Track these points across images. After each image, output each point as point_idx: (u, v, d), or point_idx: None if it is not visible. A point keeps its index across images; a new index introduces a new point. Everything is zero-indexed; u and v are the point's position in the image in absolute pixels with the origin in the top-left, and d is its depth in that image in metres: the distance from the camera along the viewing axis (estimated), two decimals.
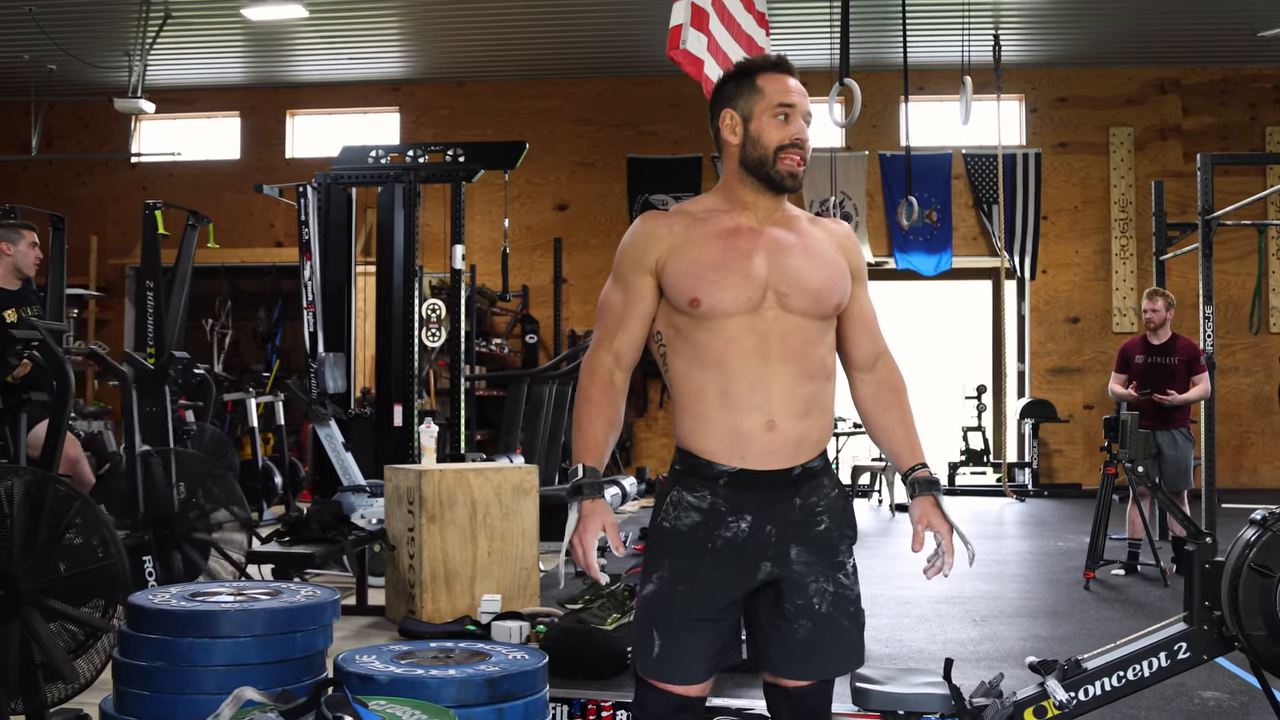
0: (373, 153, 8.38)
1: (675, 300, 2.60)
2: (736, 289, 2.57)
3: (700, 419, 2.59)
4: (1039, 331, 14.23)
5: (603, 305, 2.70)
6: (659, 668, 2.59)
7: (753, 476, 2.58)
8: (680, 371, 2.61)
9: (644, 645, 2.61)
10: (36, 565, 4.12)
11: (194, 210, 7.34)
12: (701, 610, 2.57)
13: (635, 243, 2.67)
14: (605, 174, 14.61)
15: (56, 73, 12.99)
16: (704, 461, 2.59)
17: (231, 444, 10.62)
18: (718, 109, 2.72)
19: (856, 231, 14.21)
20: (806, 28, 12.45)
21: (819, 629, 2.62)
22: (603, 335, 2.67)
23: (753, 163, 2.65)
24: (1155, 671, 3.59)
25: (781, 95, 2.65)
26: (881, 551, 9.35)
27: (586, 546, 2.54)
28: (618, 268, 2.69)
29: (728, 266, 2.59)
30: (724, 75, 2.77)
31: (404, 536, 6.24)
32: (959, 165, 14.22)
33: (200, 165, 15.08)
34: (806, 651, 2.63)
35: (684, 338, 2.61)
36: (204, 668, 2.75)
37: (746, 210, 2.68)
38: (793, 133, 2.63)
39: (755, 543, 2.58)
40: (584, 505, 2.56)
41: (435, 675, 2.71)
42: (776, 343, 2.59)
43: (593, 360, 2.67)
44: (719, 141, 2.74)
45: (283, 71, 14.63)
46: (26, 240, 6.20)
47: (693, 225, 2.65)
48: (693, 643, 2.57)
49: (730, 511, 2.58)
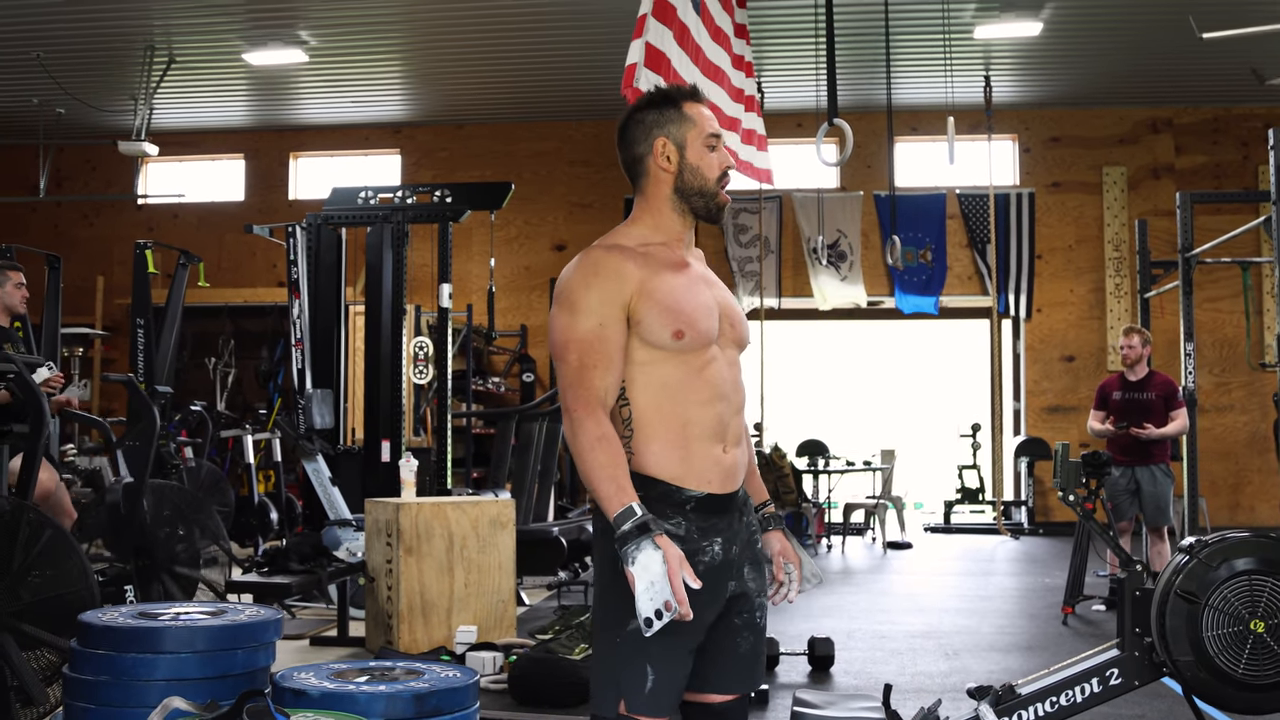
0: (362, 193, 8.55)
1: (654, 334, 2.57)
2: (708, 320, 2.62)
3: (670, 446, 2.58)
4: (1034, 370, 14.31)
5: (579, 341, 2.55)
6: (653, 702, 2.53)
7: (716, 500, 2.61)
8: (646, 403, 2.58)
9: (635, 681, 2.51)
10: (9, 591, 4.25)
11: (185, 250, 7.51)
12: (693, 639, 2.56)
13: (605, 279, 2.58)
14: (602, 215, 14.77)
15: (65, 116, 13.23)
16: (673, 487, 2.58)
17: (227, 480, 10.75)
18: (644, 135, 2.69)
19: (851, 271, 14.36)
20: (795, 70, 12.62)
21: (757, 641, 2.70)
22: (586, 371, 2.54)
23: (691, 191, 2.67)
24: (1087, 697, 3.68)
25: (711, 125, 2.70)
26: (870, 588, 9.42)
27: (679, 582, 2.38)
28: (584, 303, 2.56)
29: (696, 299, 2.62)
30: (641, 102, 2.73)
31: (382, 568, 6.35)
32: (953, 205, 14.36)
33: (205, 207, 15.31)
34: (748, 665, 2.68)
35: (648, 372, 2.59)
36: (147, 682, 2.86)
37: (678, 242, 2.70)
38: (725, 161, 2.70)
39: (726, 564, 2.61)
40: (661, 540, 2.41)
41: (365, 690, 2.82)
42: (726, 374, 2.66)
43: (584, 397, 2.53)
44: (640, 168, 2.70)
45: (286, 115, 14.88)
46: (13, 281, 6.36)
47: (646, 259, 2.62)
48: (681, 672, 2.57)
49: (703, 536, 2.59)
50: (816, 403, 15.63)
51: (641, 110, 2.72)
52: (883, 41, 9.60)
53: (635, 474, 2.55)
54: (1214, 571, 3.57)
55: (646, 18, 5.99)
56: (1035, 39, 11.84)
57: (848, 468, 12.51)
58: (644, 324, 2.56)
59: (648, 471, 2.57)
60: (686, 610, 2.38)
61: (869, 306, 14.58)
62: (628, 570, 2.39)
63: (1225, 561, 3.59)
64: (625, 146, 2.73)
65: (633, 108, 2.75)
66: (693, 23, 6.89)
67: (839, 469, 12.50)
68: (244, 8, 11.25)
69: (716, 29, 7.45)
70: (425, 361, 8.37)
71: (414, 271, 10.46)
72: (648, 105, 2.72)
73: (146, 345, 7.13)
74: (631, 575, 2.38)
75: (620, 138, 2.75)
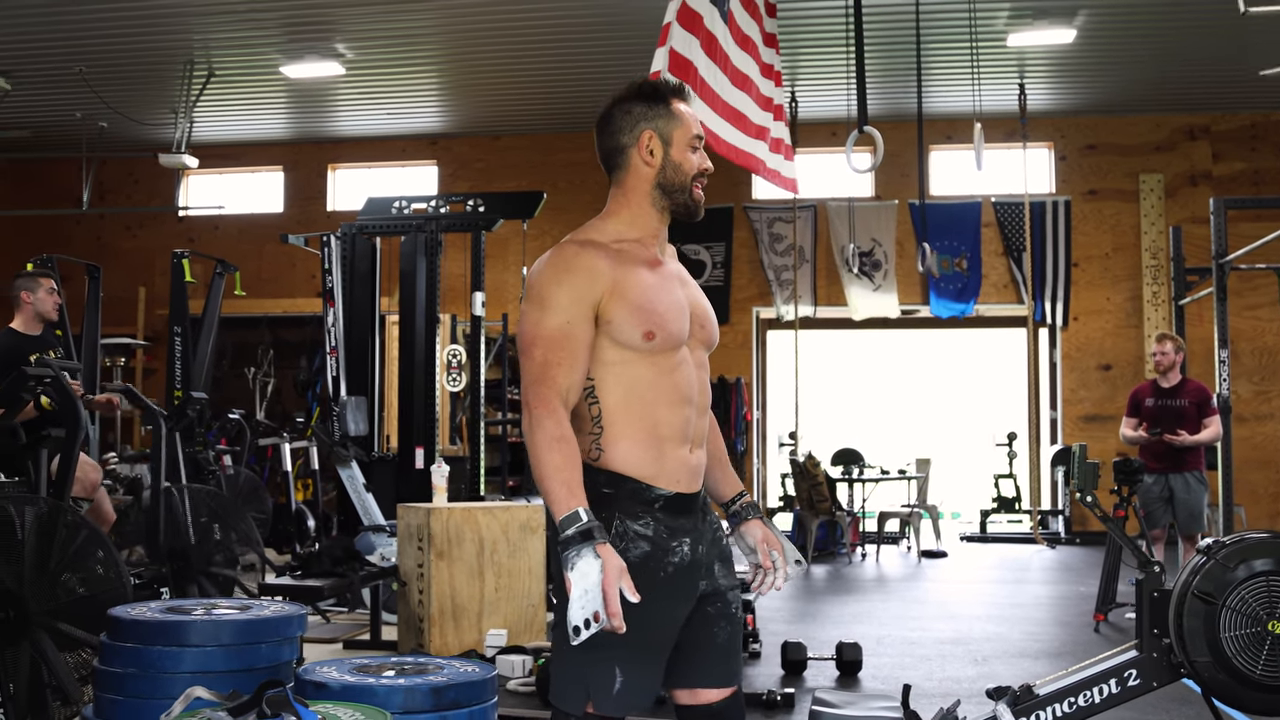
0: (396, 203, 8.66)
1: (624, 334, 2.55)
2: (680, 321, 2.60)
3: (640, 445, 2.56)
4: (1071, 379, 14.24)
5: (546, 338, 2.51)
6: (620, 702, 2.51)
7: (683, 500, 2.61)
8: (615, 401, 2.56)
9: (603, 683, 2.49)
10: (46, 590, 4.35)
11: (221, 259, 7.62)
12: (665, 640, 2.56)
13: (577, 276, 2.53)
14: None
15: (107, 130, 13.44)
16: (643, 485, 2.56)
17: (265, 488, 10.88)
18: (630, 126, 2.65)
19: (886, 279, 14.35)
20: (829, 79, 12.63)
21: (735, 633, 2.71)
22: (550, 369, 2.50)
23: (672, 188, 2.64)
24: (1106, 698, 3.69)
25: (696, 126, 2.67)
26: (902, 596, 9.41)
27: (614, 594, 2.34)
28: (554, 299, 2.52)
29: (669, 299, 2.60)
30: (628, 91, 2.69)
31: (414, 573, 6.43)
32: (989, 213, 14.32)
33: (245, 218, 15.50)
34: (727, 656, 2.68)
35: (617, 372, 2.57)
36: (173, 674, 2.94)
37: (654, 239, 2.67)
38: (704, 164, 2.68)
39: (695, 564, 2.61)
40: (601, 549, 2.37)
41: (384, 684, 2.88)
42: (694, 376, 2.65)
43: (545, 395, 2.48)
44: (621, 159, 2.66)
45: (324, 127, 15.05)
46: (45, 288, 6.48)
47: (620, 257, 2.59)
48: (652, 672, 2.56)
49: (671, 536, 2.57)
50: (852, 411, 15.64)
51: (629, 100, 2.67)
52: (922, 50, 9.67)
53: (605, 471, 2.55)
54: (1232, 573, 3.58)
55: (671, 25, 6.05)
56: (1069, 46, 11.81)
57: (882, 476, 12.49)
58: (614, 323, 2.54)
59: (616, 469, 2.55)
60: (619, 624, 2.34)
61: (902, 316, 14.55)
62: (566, 575, 2.36)
63: (1243, 562, 3.60)
64: (608, 134, 2.68)
65: (619, 96, 2.69)
66: (720, 32, 6.95)
67: (873, 478, 12.48)
68: (281, 22, 11.40)
69: (744, 37, 7.50)
70: (459, 369, 8.46)
71: (449, 281, 10.56)
72: (636, 96, 2.67)
73: (184, 353, 7.26)
74: (569, 580, 2.35)
75: (603, 125, 2.69)
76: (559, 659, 2.55)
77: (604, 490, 2.54)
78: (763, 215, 14.64)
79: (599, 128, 2.70)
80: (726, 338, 14.76)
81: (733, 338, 14.78)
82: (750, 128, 7.21)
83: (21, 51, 11.86)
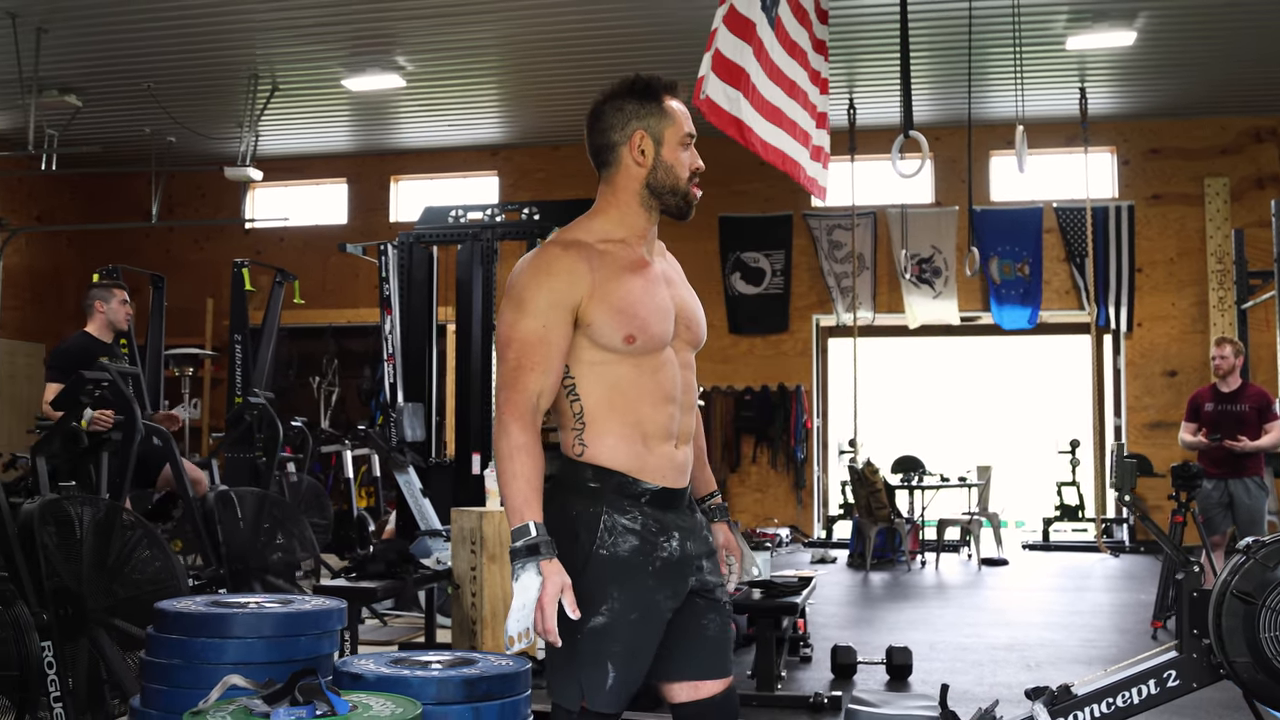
0: (452, 213, 8.77)
1: (605, 338, 2.55)
2: (663, 324, 2.61)
3: (625, 440, 2.58)
4: (1135, 385, 14.05)
5: (520, 341, 2.52)
6: (615, 697, 2.54)
7: (670, 494, 2.62)
8: (598, 399, 2.58)
9: (595, 679, 2.52)
10: (104, 588, 4.48)
11: (280, 268, 7.77)
12: (655, 635, 2.58)
13: (556, 279, 2.53)
14: (697, 233, 14.88)
15: (176, 144, 13.72)
16: (630, 479, 2.57)
17: (326, 494, 11.04)
18: (620, 124, 2.64)
19: (946, 286, 14.27)
20: (887, 86, 12.60)
21: (724, 625, 2.73)
22: (522, 373, 2.50)
23: (663, 189, 2.64)
24: (1145, 699, 3.67)
25: (688, 124, 2.67)
26: (959, 603, 9.36)
27: (550, 610, 2.40)
28: (531, 302, 2.53)
29: (652, 302, 2.60)
30: (620, 88, 2.67)
31: (467, 575, 6.49)
32: (1050, 219, 14.19)
33: (309, 230, 15.73)
34: (719, 647, 2.70)
35: (599, 371, 2.57)
36: (215, 665, 3.01)
37: (641, 240, 2.67)
38: (696, 163, 2.69)
39: (685, 559, 2.63)
40: (544, 566, 2.40)
41: (419, 676, 2.94)
42: (678, 376, 2.67)
43: (515, 401, 2.49)
44: (611, 157, 2.66)
45: (386, 139, 15.25)
46: (118, 298, 6.67)
47: (604, 259, 2.58)
48: (642, 666, 2.59)
49: (660, 531, 2.59)
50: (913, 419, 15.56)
51: (620, 97, 2.66)
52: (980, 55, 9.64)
53: (590, 465, 2.57)
54: (1271, 572, 3.55)
55: (718, 30, 6.09)
56: (1130, 49, 11.68)
57: (942, 483, 12.42)
58: (595, 326, 2.54)
59: (602, 463, 2.57)
60: (554, 639, 2.40)
61: (962, 323, 14.45)
62: (511, 583, 2.42)
63: None
64: (599, 131, 2.67)
65: (610, 92, 2.68)
66: (768, 38, 6.97)
67: (933, 484, 12.41)
68: (343, 36, 11.57)
69: (792, 44, 7.50)
70: None
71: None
72: (628, 93, 2.65)
73: (244, 359, 7.42)
74: (510, 590, 2.41)
75: (594, 121, 2.68)
76: (556, 658, 2.58)
77: (591, 484, 2.57)
78: (822, 223, 14.61)
79: (589, 124, 2.70)
80: (785, 345, 14.76)
81: (792, 345, 14.77)
82: (798, 134, 7.23)
83: (92, 69, 12.15)
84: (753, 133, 6.54)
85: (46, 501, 4.40)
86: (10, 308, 14.79)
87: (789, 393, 14.64)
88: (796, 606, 5.63)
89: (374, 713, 2.61)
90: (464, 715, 2.91)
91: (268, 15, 10.90)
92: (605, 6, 10.87)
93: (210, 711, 2.59)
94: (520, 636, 2.42)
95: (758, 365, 14.82)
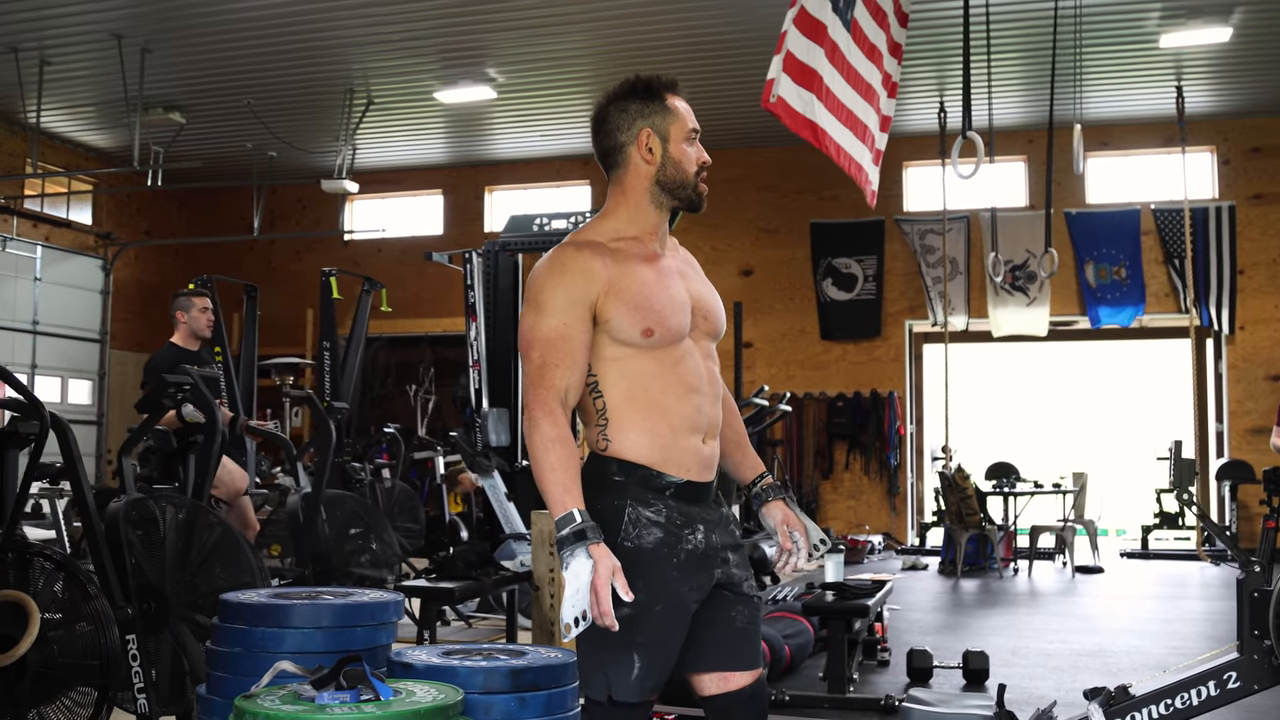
0: (537, 220, 8.90)
1: (623, 332, 2.60)
2: (679, 316, 2.65)
3: (649, 434, 2.62)
4: (1237, 390, 13.73)
5: (543, 340, 2.58)
6: (640, 686, 2.58)
7: (695, 488, 2.66)
8: (620, 394, 2.63)
9: (621, 669, 2.57)
10: (186, 584, 4.65)
11: (368, 276, 7.95)
12: (680, 627, 2.62)
13: (572, 278, 2.59)
14: (789, 239, 14.89)
15: (277, 159, 14.10)
16: (654, 472, 2.61)
17: (419, 499, 11.24)
18: (626, 125, 2.69)
19: (1041, 290, 14.08)
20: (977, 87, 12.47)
21: (753, 617, 2.76)
22: (548, 371, 2.56)
23: (672, 184, 2.69)
24: (1204, 700, 3.62)
25: (692, 119, 2.72)
26: (1048, 609, 9.23)
27: (604, 593, 2.43)
28: (550, 302, 2.59)
29: (667, 295, 2.65)
30: (623, 89, 2.72)
31: (546, 577, 6.59)
32: (1148, 221, 13.93)
33: (406, 241, 16.03)
34: (748, 639, 2.73)
35: (620, 366, 2.62)
36: (274, 654, 3.12)
37: (653, 236, 2.72)
38: (703, 157, 2.74)
39: (710, 552, 2.66)
40: (594, 549, 2.45)
41: (467, 665, 3.02)
42: (700, 366, 2.70)
43: (542, 397, 2.55)
44: (620, 157, 2.70)
45: (480, 150, 15.49)
46: (199, 306, 6.89)
47: (617, 256, 2.64)
48: (668, 656, 2.62)
49: (685, 525, 2.62)
50: (1009, 425, 15.36)
51: (624, 98, 2.71)
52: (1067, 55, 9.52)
53: (615, 460, 2.62)
54: None
55: (788, 33, 6.10)
56: (1226, 45, 11.45)
57: (1036, 490, 12.24)
58: (612, 322, 2.59)
59: (627, 457, 2.62)
60: (610, 621, 2.42)
61: (1058, 328, 14.24)
62: (562, 573, 2.45)
63: None
64: (605, 134, 2.72)
65: (613, 94, 2.73)
66: (843, 40, 6.95)
67: (1025, 491, 12.23)
68: (435, 49, 11.80)
69: (870, 46, 7.48)
70: None
71: None
72: (630, 94, 2.70)
73: (332, 365, 7.61)
74: (563, 578, 2.44)
75: (599, 124, 2.74)
76: (583, 650, 2.64)
77: (615, 478, 2.62)
78: (914, 227, 14.52)
79: (595, 128, 2.75)
80: (878, 351, 14.69)
81: (885, 351, 14.69)
82: (867, 138, 7.22)
83: (194, 87, 12.56)
84: (827, 135, 6.54)
85: (131, 501, 4.58)
86: (121, 319, 15.30)
87: (882, 399, 14.56)
88: (868, 609, 5.63)
89: (417, 698, 2.70)
90: (509, 705, 2.97)
91: (362, 30, 11.17)
92: (694, 14, 10.94)
93: (261, 695, 2.70)
94: (577, 621, 2.45)
95: (850, 371, 14.77)
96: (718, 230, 14.98)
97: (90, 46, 11.42)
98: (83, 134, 14.46)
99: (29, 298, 13.75)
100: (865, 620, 5.89)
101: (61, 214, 15.15)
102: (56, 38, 11.27)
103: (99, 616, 3.80)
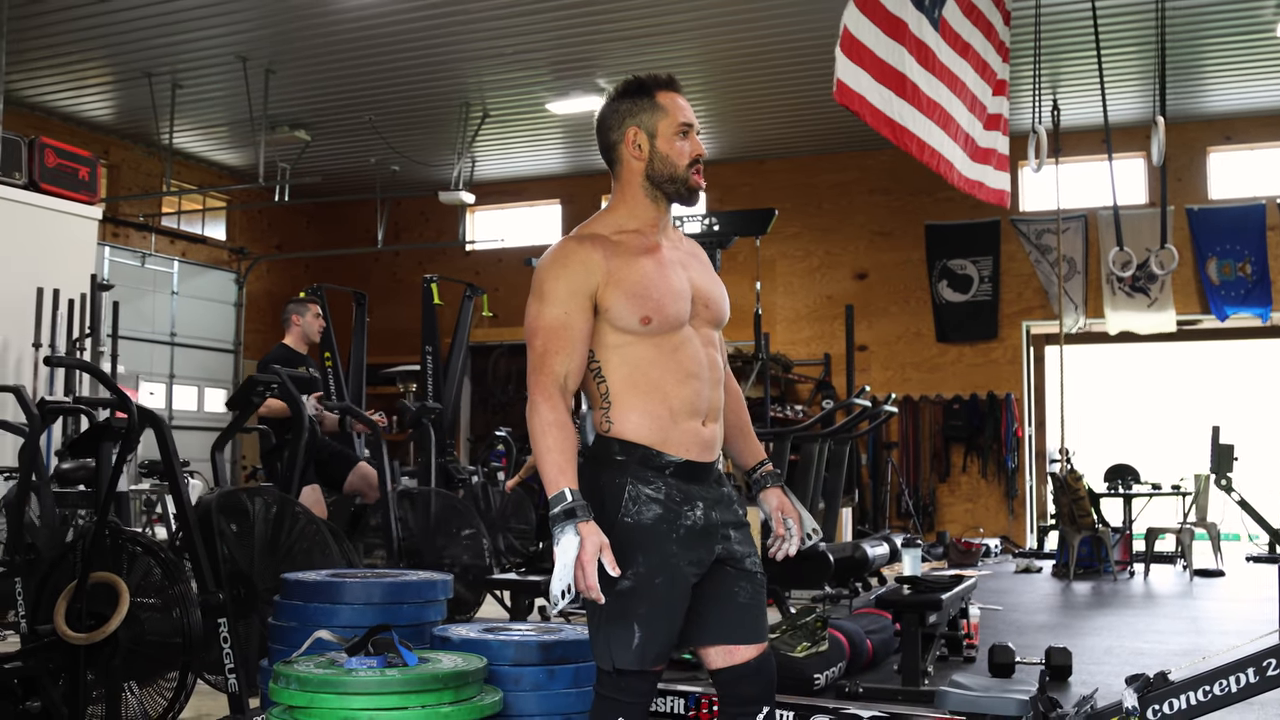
0: None
1: (623, 320, 2.74)
2: (679, 304, 2.79)
3: (650, 415, 2.75)
4: None
5: (545, 329, 2.73)
6: (640, 655, 2.68)
7: (695, 468, 2.78)
8: (622, 378, 2.76)
9: (622, 639, 2.67)
10: (274, 571, 4.92)
11: (470, 283, 8.22)
12: (680, 600, 2.72)
13: (573, 270, 2.75)
14: (903, 242, 14.84)
15: (399, 173, 14.56)
16: (654, 452, 2.73)
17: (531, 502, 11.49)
18: (617, 124, 2.85)
19: (1162, 291, 13.80)
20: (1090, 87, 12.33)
21: (756, 593, 2.86)
22: (549, 358, 2.71)
23: (662, 179, 2.83)
24: (1243, 687, 3.61)
25: (683, 114, 2.85)
26: (1154, 610, 9.07)
27: (590, 568, 2.56)
28: (552, 293, 2.74)
29: (666, 284, 2.78)
30: (618, 90, 2.89)
31: None
32: (1274, 215, 13.55)
33: (527, 250, 16.34)
34: (751, 614, 2.83)
35: (621, 353, 2.76)
36: (328, 628, 3.36)
37: (653, 228, 2.86)
38: (696, 150, 2.87)
39: (709, 528, 2.78)
40: (582, 527, 2.58)
41: (500, 639, 3.21)
42: (700, 353, 2.83)
43: (542, 383, 2.71)
44: (614, 155, 2.86)
45: (595, 159, 15.56)
46: (312, 312, 7.23)
47: (617, 248, 2.78)
48: (668, 628, 2.73)
49: (684, 501, 2.74)
50: (1131, 426, 15.05)
51: (616, 100, 2.88)
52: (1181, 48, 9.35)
53: (617, 440, 2.75)
54: None
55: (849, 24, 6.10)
56: None
57: (1154, 491, 12.00)
58: (612, 310, 2.74)
59: (628, 437, 2.75)
60: (596, 595, 2.56)
61: (1181, 329, 13.93)
62: (554, 547, 2.60)
63: None
64: (602, 134, 2.89)
65: (610, 96, 2.90)
66: (931, 39, 6.97)
67: (1141, 493, 12.00)
68: (547, 61, 12.08)
69: (965, 45, 7.48)
70: None
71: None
72: (623, 94, 2.87)
73: (435, 368, 7.88)
74: (555, 553, 2.59)
75: (598, 126, 2.91)
76: (591, 624, 2.77)
77: (617, 457, 2.76)
78: (1031, 227, 14.35)
79: (596, 128, 2.92)
80: (995, 352, 14.55)
81: (1002, 353, 14.54)
82: (960, 136, 7.23)
83: (317, 105, 13.07)
84: (908, 133, 6.57)
85: (224, 494, 4.88)
86: (254, 330, 15.94)
87: (999, 401, 14.42)
88: (940, 603, 5.65)
89: (441, 665, 2.89)
90: (539, 675, 3.16)
91: (475, 45, 11.50)
92: (799, 19, 11.00)
93: (298, 660, 2.92)
94: (564, 594, 2.59)
95: (966, 373, 14.65)
96: (831, 234, 15.02)
97: (218, 69, 11.98)
98: (215, 153, 15.13)
99: (167, 311, 14.47)
100: (940, 614, 5.91)
101: (197, 230, 15.87)
102: (187, 62, 11.85)
103: (182, 599, 4.07)
